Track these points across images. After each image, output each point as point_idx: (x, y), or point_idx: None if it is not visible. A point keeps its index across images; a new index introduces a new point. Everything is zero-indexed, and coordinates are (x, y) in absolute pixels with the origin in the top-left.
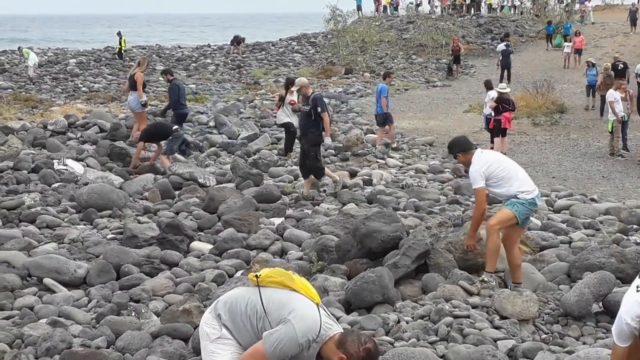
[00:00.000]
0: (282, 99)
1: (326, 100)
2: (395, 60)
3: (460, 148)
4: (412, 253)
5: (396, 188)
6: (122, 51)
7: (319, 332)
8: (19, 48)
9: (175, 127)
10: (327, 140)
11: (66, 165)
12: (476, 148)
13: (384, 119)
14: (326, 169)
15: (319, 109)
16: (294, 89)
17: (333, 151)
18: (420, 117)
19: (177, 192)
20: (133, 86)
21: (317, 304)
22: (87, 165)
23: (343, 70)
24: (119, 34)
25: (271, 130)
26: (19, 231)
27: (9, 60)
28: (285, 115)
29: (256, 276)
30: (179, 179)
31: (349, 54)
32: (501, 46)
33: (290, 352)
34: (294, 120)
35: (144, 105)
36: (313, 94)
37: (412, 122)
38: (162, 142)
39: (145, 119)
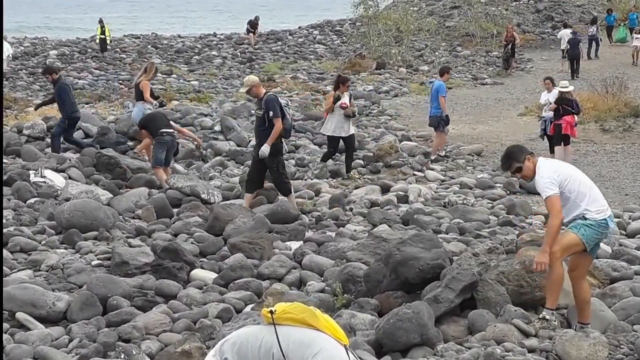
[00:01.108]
0: (336, 101)
1: (354, 96)
2: (437, 53)
3: (519, 156)
4: (456, 285)
5: (437, 206)
6: (107, 42)
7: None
8: None
9: (163, 130)
10: (265, 148)
11: (44, 177)
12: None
13: (437, 122)
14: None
15: (270, 114)
16: (242, 90)
17: (361, 161)
18: (466, 121)
19: (175, 210)
20: (139, 96)
21: (346, 346)
22: (69, 178)
23: (374, 64)
24: (100, 21)
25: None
26: None
27: None
28: (337, 123)
29: (271, 312)
30: (178, 194)
31: (382, 45)
32: (565, 33)
33: None
34: (346, 128)
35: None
36: (266, 95)
37: (456, 127)
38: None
39: None
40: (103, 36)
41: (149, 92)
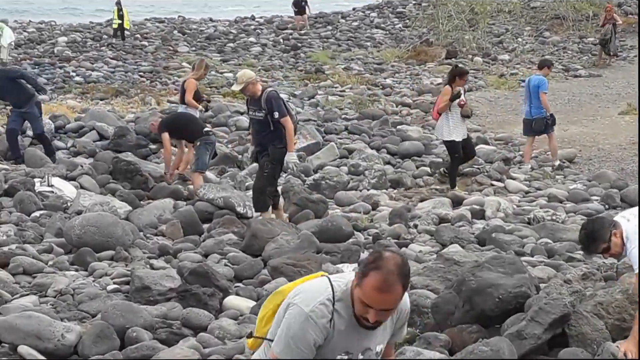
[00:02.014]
0: (455, 98)
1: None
2: (520, 39)
3: (604, 234)
4: (544, 318)
5: (520, 223)
6: (124, 29)
7: (333, 291)
8: None
9: (207, 129)
10: (291, 157)
11: (52, 186)
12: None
13: (544, 125)
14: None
15: (275, 114)
16: (234, 87)
17: (428, 169)
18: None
19: (206, 226)
20: (184, 98)
21: (327, 276)
22: (81, 187)
23: (444, 52)
24: (117, 3)
25: (340, 137)
26: None
27: None
28: (455, 125)
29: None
30: (210, 206)
31: (453, 30)
32: None
33: (309, 337)
34: (464, 130)
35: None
36: (265, 92)
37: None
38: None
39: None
40: (120, 21)
41: (192, 93)
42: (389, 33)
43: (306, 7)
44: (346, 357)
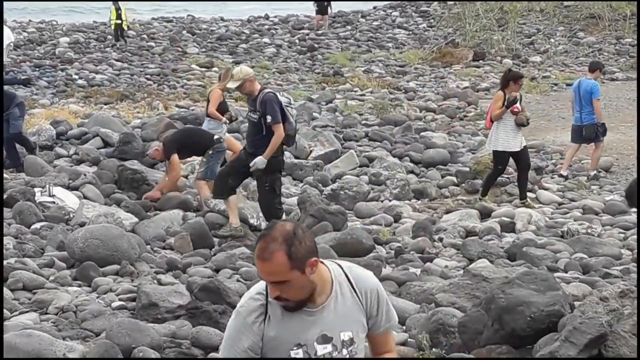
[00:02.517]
0: (510, 104)
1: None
2: (552, 40)
3: None
4: (579, 338)
5: (553, 236)
6: (123, 28)
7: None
8: None
9: (217, 136)
10: (260, 162)
11: (53, 196)
12: None
13: (595, 133)
14: (234, 200)
15: (268, 118)
16: (230, 85)
17: (455, 179)
18: None
19: (217, 239)
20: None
21: None
22: (84, 197)
23: (471, 54)
24: (115, 1)
25: (360, 144)
26: None
27: None
28: (509, 134)
29: None
30: (220, 218)
31: (481, 30)
32: None
33: (241, 336)
34: (519, 139)
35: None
36: (262, 93)
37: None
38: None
39: (237, 145)
40: (119, 21)
41: (216, 104)
42: (412, 33)
43: (329, 8)
44: (300, 352)
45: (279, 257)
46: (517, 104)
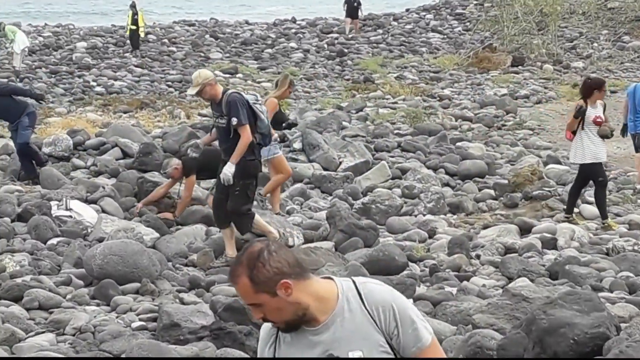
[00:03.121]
0: (577, 115)
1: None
2: (596, 44)
3: None
4: None
5: (597, 254)
6: (140, 34)
7: None
8: None
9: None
10: (228, 169)
11: (70, 209)
12: None
13: None
14: (258, 217)
15: (233, 120)
16: (190, 91)
17: (492, 192)
18: None
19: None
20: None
21: None
22: (103, 211)
23: (509, 59)
24: (132, 5)
25: (392, 155)
26: None
27: None
28: (593, 145)
29: None
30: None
31: (520, 34)
32: None
33: (260, 349)
34: (602, 151)
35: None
36: (225, 95)
37: (622, 145)
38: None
39: (286, 166)
40: (135, 27)
41: (272, 115)
42: (446, 37)
43: (359, 10)
44: None
45: (242, 281)
46: (601, 114)
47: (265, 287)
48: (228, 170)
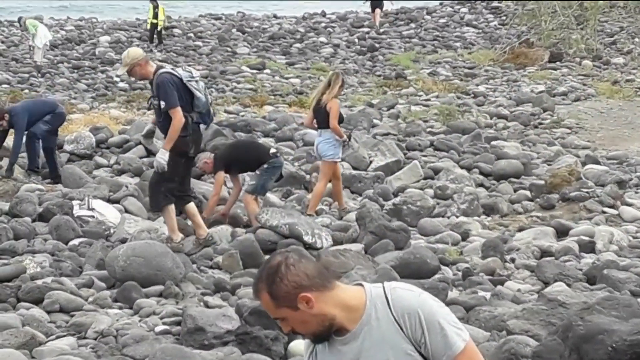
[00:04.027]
0: None
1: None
2: (637, 39)
3: None
4: None
5: (637, 257)
6: (160, 30)
7: None
8: (19, 19)
9: (274, 150)
10: (160, 155)
11: (93, 209)
12: None
13: None
14: (171, 211)
15: (162, 104)
16: (120, 71)
17: (528, 193)
18: None
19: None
20: (323, 121)
21: None
22: (126, 211)
23: (547, 55)
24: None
25: (424, 154)
26: (16, 317)
27: (4, 39)
28: None
29: None
30: (273, 235)
31: (558, 29)
32: None
33: None
34: None
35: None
36: (157, 76)
37: None
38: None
39: (339, 173)
40: (155, 20)
41: (337, 116)
42: (482, 32)
43: (382, 2)
44: None
45: (264, 297)
46: None
47: (286, 302)
48: (161, 157)
